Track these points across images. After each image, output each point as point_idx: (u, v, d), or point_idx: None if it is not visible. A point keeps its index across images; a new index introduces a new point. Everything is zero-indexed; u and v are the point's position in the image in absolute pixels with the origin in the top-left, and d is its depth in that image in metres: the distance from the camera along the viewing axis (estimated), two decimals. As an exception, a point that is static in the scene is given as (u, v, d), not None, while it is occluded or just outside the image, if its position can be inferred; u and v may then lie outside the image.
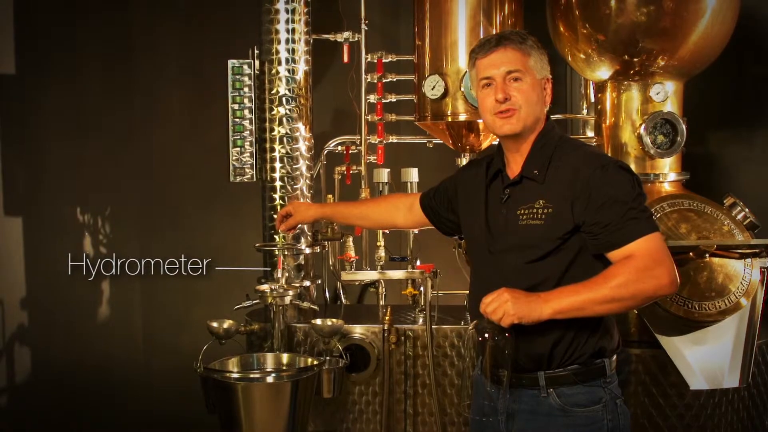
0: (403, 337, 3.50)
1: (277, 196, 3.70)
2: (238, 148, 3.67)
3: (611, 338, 2.36)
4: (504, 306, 2.14)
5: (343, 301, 4.14)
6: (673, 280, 2.18)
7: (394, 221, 2.99)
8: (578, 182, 2.24)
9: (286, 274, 3.49)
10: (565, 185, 2.26)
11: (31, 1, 4.63)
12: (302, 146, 3.73)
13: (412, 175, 3.82)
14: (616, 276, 2.16)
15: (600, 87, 3.69)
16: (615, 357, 2.37)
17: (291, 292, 3.38)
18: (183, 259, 4.84)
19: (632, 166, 3.47)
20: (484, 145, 3.75)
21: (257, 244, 3.71)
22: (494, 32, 3.58)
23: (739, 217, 3.28)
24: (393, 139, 3.96)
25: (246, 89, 3.66)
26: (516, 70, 2.31)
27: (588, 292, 2.16)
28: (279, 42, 3.68)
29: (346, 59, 3.88)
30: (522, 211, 2.30)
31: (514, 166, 2.39)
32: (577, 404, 2.29)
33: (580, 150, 2.37)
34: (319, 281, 3.91)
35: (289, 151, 3.70)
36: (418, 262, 3.77)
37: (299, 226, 3.44)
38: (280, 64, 3.69)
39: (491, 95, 2.34)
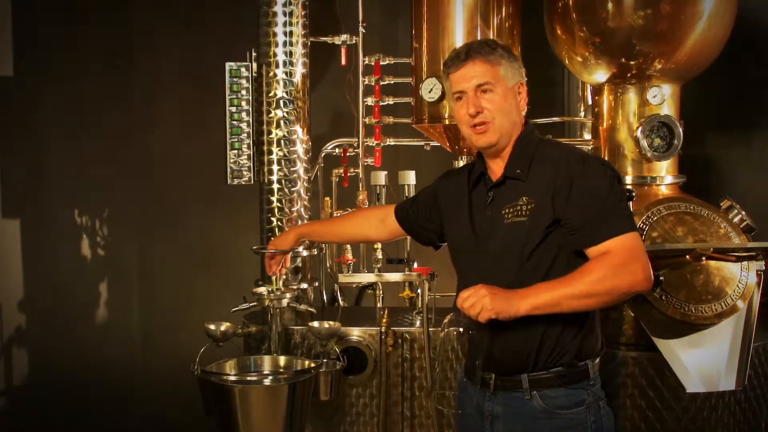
0: (400, 340, 3.51)
1: (274, 198, 3.71)
2: (236, 151, 3.67)
3: (595, 340, 2.38)
4: (482, 301, 2.15)
5: (341, 303, 4.15)
6: (648, 276, 2.20)
7: (366, 234, 3.01)
8: (559, 176, 2.27)
9: (284, 277, 3.49)
10: (547, 180, 2.30)
11: (29, 3, 4.63)
12: (300, 149, 3.74)
13: (410, 177, 3.82)
14: (593, 272, 2.18)
15: (597, 90, 3.70)
16: (598, 359, 2.39)
17: (288, 295, 3.38)
18: (180, 261, 4.87)
19: (629, 169, 3.52)
20: (482, 147, 3.75)
21: (254, 247, 3.71)
22: (491, 35, 3.60)
23: (736, 220, 3.28)
24: (390, 141, 3.97)
25: (243, 92, 3.67)
26: (485, 83, 2.35)
27: (564, 288, 2.18)
28: (276, 45, 3.68)
29: (343, 62, 3.88)
30: (507, 210, 2.33)
31: (496, 169, 2.43)
32: (560, 407, 2.31)
33: (562, 147, 2.43)
34: (317, 284, 3.91)
35: (286, 153, 3.71)
36: (415, 265, 3.77)
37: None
38: (277, 66, 3.69)
39: (464, 108, 2.38)
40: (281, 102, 3.70)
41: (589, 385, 2.34)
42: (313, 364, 3.17)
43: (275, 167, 3.71)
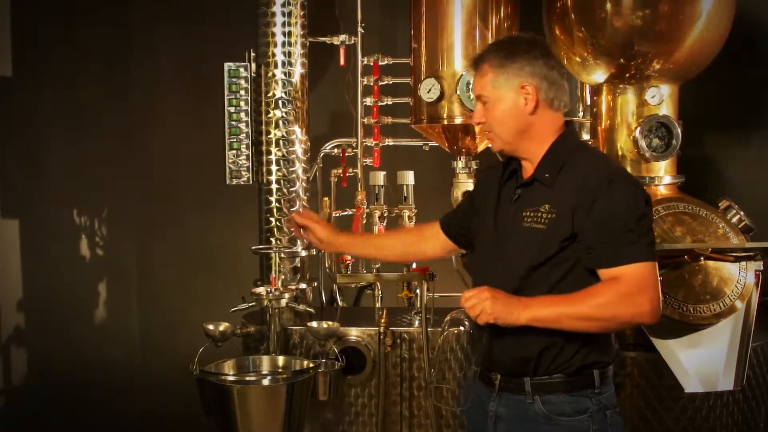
0: (398, 340, 3.51)
1: (273, 198, 3.71)
2: (235, 151, 3.68)
3: (605, 351, 2.32)
4: (483, 304, 2.13)
5: (339, 303, 4.15)
6: (654, 310, 2.16)
7: (423, 250, 2.80)
8: (584, 190, 2.22)
9: (282, 277, 3.50)
10: (571, 191, 2.24)
11: (29, 3, 4.63)
12: (298, 149, 3.74)
13: (409, 177, 3.83)
14: (597, 296, 2.15)
15: (596, 90, 3.70)
16: (610, 368, 2.33)
17: (287, 295, 3.39)
18: (180, 261, 4.87)
19: (628, 169, 3.51)
20: (480, 148, 3.76)
21: (253, 247, 3.71)
22: (490, 35, 3.61)
23: (734, 220, 3.29)
24: (389, 141, 3.97)
25: (242, 92, 3.67)
26: (479, 95, 2.36)
27: (567, 306, 2.16)
28: (275, 45, 3.68)
29: (342, 62, 3.88)
30: (527, 213, 2.29)
31: (529, 168, 2.38)
32: (562, 413, 2.27)
33: (594, 159, 2.34)
34: (315, 284, 3.91)
35: (285, 153, 3.71)
36: (413, 265, 3.77)
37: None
38: (276, 66, 3.69)
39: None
40: (280, 102, 3.70)
41: (593, 394, 2.28)
42: (311, 364, 3.17)
43: (274, 167, 3.71)
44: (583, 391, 2.28)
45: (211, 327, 3.31)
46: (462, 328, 2.29)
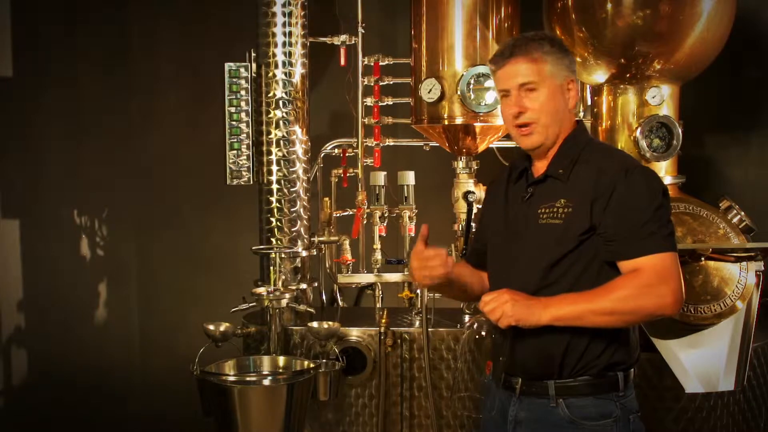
0: (399, 340, 3.51)
1: (273, 199, 3.71)
2: (235, 151, 3.68)
3: (629, 352, 2.28)
4: (503, 307, 2.10)
5: (340, 303, 4.15)
6: (677, 301, 2.13)
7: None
8: (601, 183, 2.19)
9: (283, 277, 3.50)
10: (587, 185, 2.21)
11: (29, 3, 4.63)
12: (299, 149, 3.74)
13: (409, 177, 3.83)
14: (618, 289, 2.12)
15: (596, 90, 3.70)
16: (632, 371, 2.30)
17: (287, 295, 3.39)
18: (180, 262, 4.87)
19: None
20: (481, 148, 3.76)
21: (253, 247, 3.71)
22: (490, 35, 3.60)
23: (735, 220, 3.29)
24: (390, 142, 3.97)
25: (243, 92, 3.67)
26: (528, 82, 2.25)
27: (588, 303, 2.13)
28: (276, 45, 3.68)
29: (343, 62, 3.88)
30: (543, 210, 2.26)
31: (540, 167, 2.34)
32: (586, 417, 2.22)
33: (608, 152, 2.33)
34: (316, 284, 3.91)
35: (285, 154, 3.71)
36: (414, 265, 3.76)
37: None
38: (276, 67, 3.69)
39: (508, 107, 2.29)
40: (280, 102, 3.70)
41: (618, 397, 2.24)
42: (312, 365, 3.17)
43: (274, 168, 3.71)
44: (608, 394, 2.24)
45: (211, 327, 3.31)
46: (483, 333, 2.26)
